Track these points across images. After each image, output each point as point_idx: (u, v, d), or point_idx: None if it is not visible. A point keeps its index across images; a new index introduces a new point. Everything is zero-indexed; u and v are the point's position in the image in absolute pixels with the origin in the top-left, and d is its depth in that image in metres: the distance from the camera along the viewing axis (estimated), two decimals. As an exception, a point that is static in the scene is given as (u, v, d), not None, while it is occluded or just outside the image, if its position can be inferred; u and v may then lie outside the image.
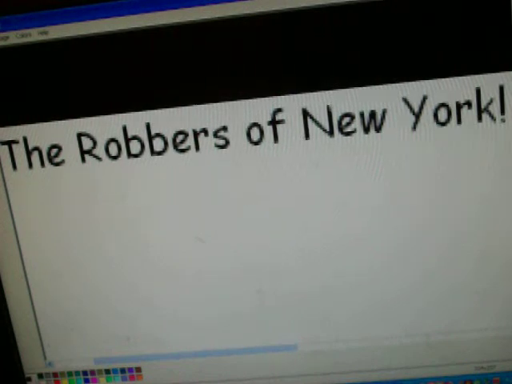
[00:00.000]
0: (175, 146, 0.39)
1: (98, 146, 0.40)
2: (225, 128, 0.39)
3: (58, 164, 0.40)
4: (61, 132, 0.40)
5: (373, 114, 0.38)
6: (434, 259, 0.40)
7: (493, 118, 0.37)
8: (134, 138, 0.39)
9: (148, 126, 0.39)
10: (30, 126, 0.40)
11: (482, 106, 0.37)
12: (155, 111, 0.39)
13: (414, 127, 0.38)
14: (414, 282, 0.40)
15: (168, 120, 0.39)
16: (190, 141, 0.39)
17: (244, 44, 0.37)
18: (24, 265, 0.42)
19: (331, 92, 0.37)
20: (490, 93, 0.37)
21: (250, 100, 0.38)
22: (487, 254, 0.39)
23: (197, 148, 0.39)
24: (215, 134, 0.39)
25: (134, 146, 0.40)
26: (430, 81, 0.37)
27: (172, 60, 0.38)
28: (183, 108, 0.39)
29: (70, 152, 0.40)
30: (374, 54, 0.37)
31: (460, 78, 0.36)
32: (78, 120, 0.39)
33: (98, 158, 0.40)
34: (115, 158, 0.40)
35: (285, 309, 0.41)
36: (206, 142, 0.39)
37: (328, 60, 0.37)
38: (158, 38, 0.37)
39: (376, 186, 0.39)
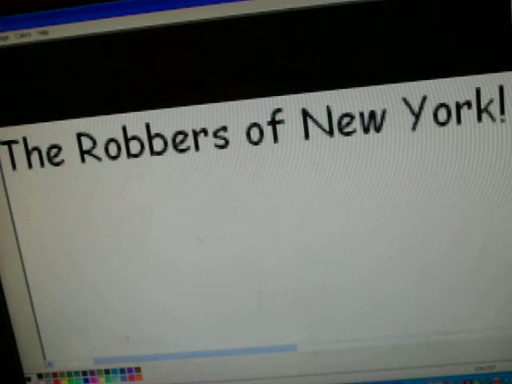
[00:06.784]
0: (175, 146, 0.39)
1: (98, 146, 0.40)
2: (224, 128, 0.39)
3: (57, 164, 0.40)
4: (60, 132, 0.40)
5: (372, 114, 0.38)
6: (433, 259, 0.40)
7: (493, 118, 0.37)
8: (134, 138, 0.39)
9: (148, 126, 0.39)
10: (29, 126, 0.40)
11: (482, 106, 0.37)
12: (155, 111, 0.39)
13: (414, 127, 0.38)
14: (413, 281, 0.40)
15: (168, 120, 0.39)
16: (190, 141, 0.39)
17: (244, 44, 0.37)
18: (24, 265, 0.42)
19: (331, 92, 0.37)
20: (489, 93, 0.37)
21: (250, 100, 0.38)
22: (487, 254, 0.39)
23: (196, 148, 0.39)
24: (215, 134, 0.39)
25: (134, 146, 0.40)
26: (430, 81, 0.37)
27: (172, 60, 0.38)
28: (183, 108, 0.39)
29: (70, 152, 0.40)
30: (374, 54, 0.37)
31: (460, 78, 0.36)
32: (77, 120, 0.39)
33: (98, 158, 0.40)
34: (115, 158, 0.40)
35: (284, 309, 0.41)
36: (206, 142, 0.39)
37: (328, 60, 0.37)
38: (157, 37, 0.37)
39: (375, 187, 0.39)
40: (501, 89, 0.36)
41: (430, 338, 0.41)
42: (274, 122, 0.38)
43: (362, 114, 0.38)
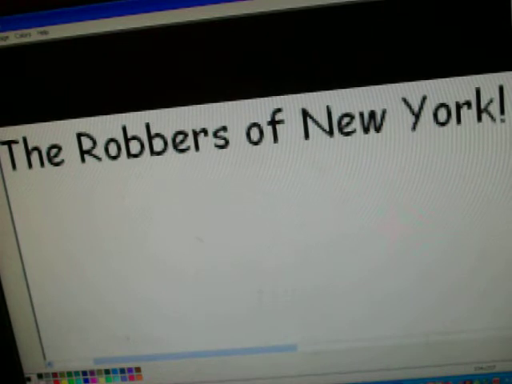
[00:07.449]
0: (175, 146, 0.39)
1: (98, 146, 0.40)
2: (224, 128, 0.39)
3: (57, 164, 0.40)
4: (60, 132, 0.40)
5: (372, 114, 0.38)
6: (433, 259, 0.40)
7: (492, 118, 0.37)
8: (134, 138, 0.39)
9: (148, 126, 0.39)
10: (29, 126, 0.40)
11: (482, 106, 0.37)
12: (155, 111, 0.39)
13: (414, 127, 0.38)
14: (413, 281, 0.40)
15: (168, 120, 0.39)
16: (190, 141, 0.39)
17: (244, 44, 0.37)
18: (24, 265, 0.42)
19: (331, 92, 0.37)
20: (489, 93, 0.37)
21: (250, 100, 0.38)
22: (487, 254, 0.39)
23: (196, 148, 0.39)
24: (215, 134, 0.39)
25: (134, 146, 0.40)
26: (430, 81, 0.37)
27: (172, 60, 0.38)
28: (183, 108, 0.39)
29: (70, 152, 0.40)
30: (374, 54, 0.37)
31: (460, 78, 0.36)
32: (77, 120, 0.39)
33: (98, 158, 0.40)
34: (115, 158, 0.40)
35: (284, 309, 0.41)
36: (206, 142, 0.39)
37: (327, 60, 0.37)
38: (157, 38, 0.37)
39: (375, 186, 0.39)
40: (501, 89, 0.36)
41: (430, 338, 0.41)
42: (273, 122, 0.38)
43: (361, 114, 0.38)
